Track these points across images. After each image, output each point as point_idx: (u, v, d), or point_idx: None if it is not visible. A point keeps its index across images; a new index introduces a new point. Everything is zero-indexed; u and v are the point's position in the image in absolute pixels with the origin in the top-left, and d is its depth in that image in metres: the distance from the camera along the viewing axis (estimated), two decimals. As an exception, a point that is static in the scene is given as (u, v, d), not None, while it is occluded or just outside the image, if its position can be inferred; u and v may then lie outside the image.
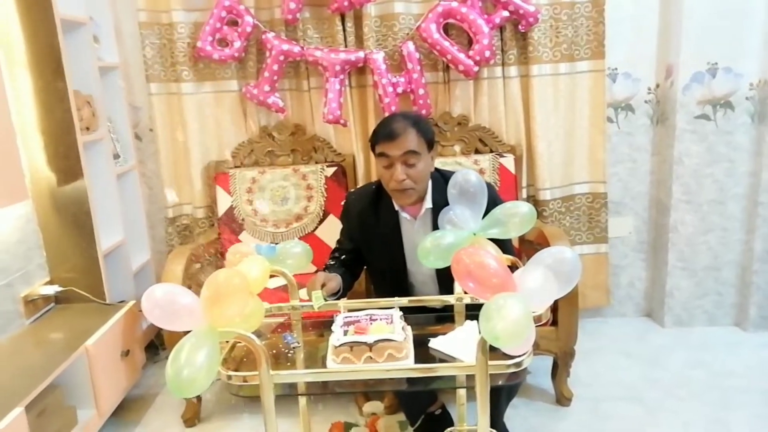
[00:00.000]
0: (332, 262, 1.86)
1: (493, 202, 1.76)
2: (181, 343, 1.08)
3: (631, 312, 2.81)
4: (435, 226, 1.72)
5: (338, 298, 1.66)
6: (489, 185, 1.88)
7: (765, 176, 2.44)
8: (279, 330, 1.60)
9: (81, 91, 2.22)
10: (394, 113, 2.11)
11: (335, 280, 1.67)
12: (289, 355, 1.41)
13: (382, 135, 1.70)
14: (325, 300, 1.55)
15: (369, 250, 1.86)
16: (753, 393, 2.15)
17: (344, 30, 2.39)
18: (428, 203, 1.77)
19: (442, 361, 1.32)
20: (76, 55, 2.18)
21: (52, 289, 2.13)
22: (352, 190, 2.17)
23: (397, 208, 1.81)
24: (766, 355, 2.40)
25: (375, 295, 2.03)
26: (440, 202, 1.62)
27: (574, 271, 1.06)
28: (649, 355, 2.46)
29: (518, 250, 2.27)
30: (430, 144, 1.74)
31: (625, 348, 2.52)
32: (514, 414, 2.03)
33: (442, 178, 1.78)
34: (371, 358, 1.26)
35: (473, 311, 1.50)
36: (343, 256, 1.87)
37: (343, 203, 1.95)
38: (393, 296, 1.53)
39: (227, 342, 1.30)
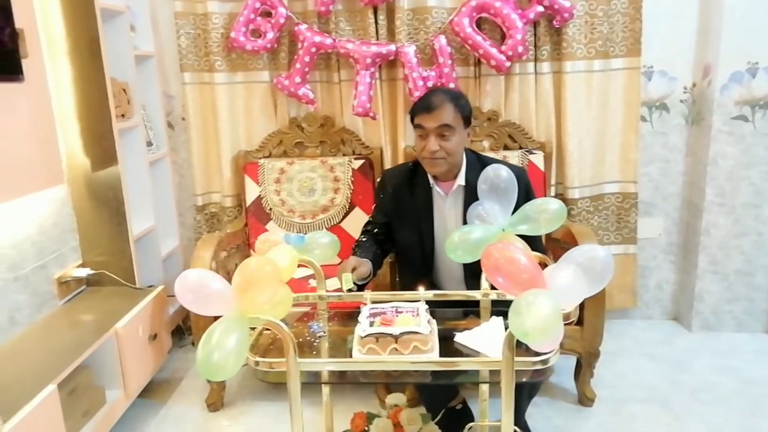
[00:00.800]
0: (364, 237, 1.91)
1: (526, 187, 1.78)
2: (212, 327, 1.10)
3: (658, 315, 2.76)
4: (466, 204, 1.78)
5: (367, 282, 1.71)
6: (521, 171, 1.88)
7: (804, 180, 2.37)
8: (305, 319, 1.62)
9: (117, 79, 2.26)
10: (435, 88, 2.16)
11: (366, 266, 1.71)
12: (315, 343, 1.42)
13: (420, 107, 1.77)
14: (355, 284, 1.57)
15: (400, 225, 1.91)
16: (783, 402, 2.10)
17: (376, 23, 2.40)
18: (461, 180, 1.84)
19: (467, 355, 1.32)
20: (114, 44, 2.22)
21: (85, 272, 2.18)
22: (388, 168, 2.23)
23: (431, 183, 1.86)
24: (796, 363, 2.35)
25: (400, 281, 2.08)
26: (473, 181, 1.67)
27: (606, 270, 1.04)
28: (674, 358, 2.42)
29: (545, 249, 2.25)
30: (467, 120, 1.80)
31: (651, 351, 2.48)
32: (535, 413, 2.02)
33: (478, 160, 1.86)
34: (397, 349, 1.26)
35: (499, 307, 1.50)
36: (376, 230, 1.92)
37: (378, 180, 2.02)
38: (419, 281, 1.57)
39: (254, 329, 1.32)
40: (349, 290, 1.56)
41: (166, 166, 2.62)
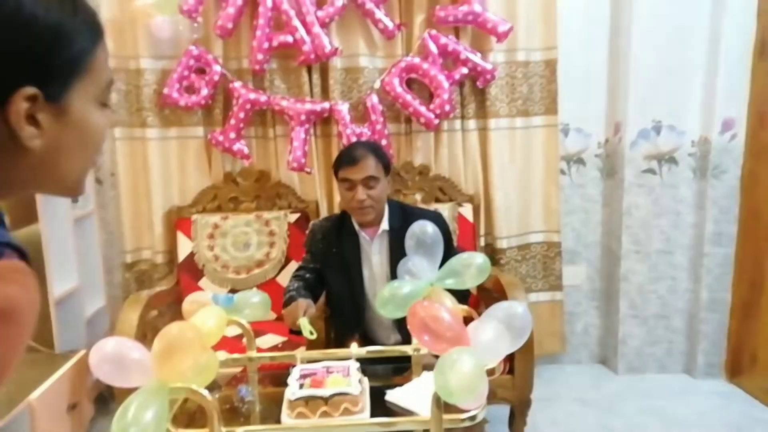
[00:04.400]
0: (296, 283, 1.93)
1: (444, 231, 1.86)
2: (128, 400, 1.07)
3: (585, 359, 2.87)
4: (391, 248, 1.92)
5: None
6: (437, 216, 1.98)
7: (708, 228, 2.57)
8: (235, 382, 1.59)
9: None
10: (355, 142, 2.24)
11: (312, 306, 1.76)
12: (243, 409, 1.39)
13: (345, 161, 1.90)
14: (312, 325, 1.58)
15: (330, 273, 1.98)
16: (702, 440, 2.21)
17: (311, 81, 2.46)
18: (385, 225, 1.96)
19: (398, 414, 1.33)
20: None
21: (-1, 337, 2.05)
22: (316, 219, 2.31)
23: (357, 229, 1.95)
24: (714, 402, 2.48)
25: (333, 330, 2.12)
26: (395, 225, 1.92)
27: (525, 326, 1.10)
28: (603, 402, 2.51)
29: (476, 297, 2.31)
30: (387, 168, 1.94)
31: (581, 395, 2.56)
32: (472, 464, 2.03)
33: (398, 206, 2.03)
34: (327, 412, 1.26)
35: (431, 362, 1.53)
36: (307, 275, 1.97)
37: (308, 231, 2.10)
38: (351, 330, 1.57)
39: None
40: (311, 333, 1.56)
41: (93, 223, 2.54)
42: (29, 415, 1.78)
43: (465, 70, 2.44)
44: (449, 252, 1.59)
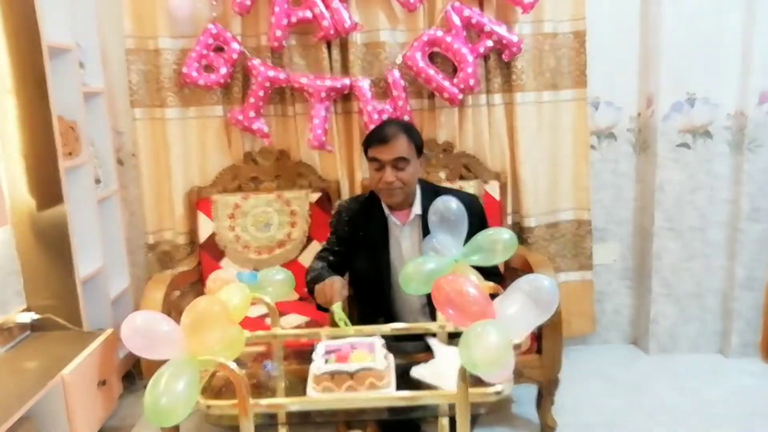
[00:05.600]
0: (320, 263, 1.87)
1: (480, 215, 1.83)
2: (160, 370, 1.06)
3: (616, 339, 2.80)
4: (424, 234, 1.79)
5: None
6: (474, 198, 1.91)
7: (743, 204, 2.47)
8: (260, 358, 1.57)
9: (65, 117, 2.21)
10: (387, 120, 2.17)
11: (345, 285, 1.69)
12: (270, 384, 1.38)
13: (375, 139, 1.80)
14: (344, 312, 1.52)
15: (356, 256, 1.90)
16: (735, 420, 2.14)
17: (330, 57, 2.42)
18: (417, 209, 1.86)
19: (424, 389, 1.30)
20: (62, 82, 2.18)
21: (29, 317, 2.07)
22: (343, 199, 2.24)
23: (387, 212, 1.87)
24: (747, 382, 2.40)
25: (358, 313, 2.04)
26: (428, 209, 1.67)
27: (552, 299, 1.05)
28: (634, 382, 2.45)
29: (503, 277, 2.26)
30: (419, 149, 1.84)
31: (611, 375, 2.51)
32: (499, 444, 2.01)
33: (431, 189, 1.91)
34: (352, 386, 1.24)
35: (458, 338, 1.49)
36: (331, 257, 1.90)
37: (334, 211, 2.01)
38: (376, 313, 1.51)
39: (206, 370, 1.28)
40: (345, 323, 1.49)
41: (115, 203, 2.55)
42: (63, 388, 1.82)
43: (490, 43, 2.37)
44: None
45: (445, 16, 2.33)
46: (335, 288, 1.62)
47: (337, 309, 1.53)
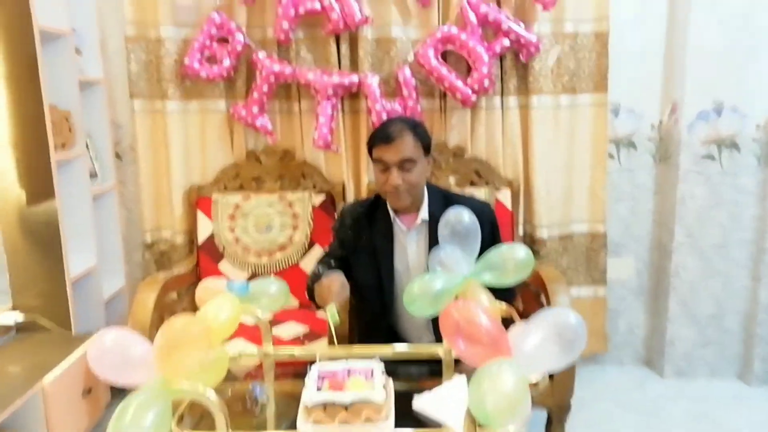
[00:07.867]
0: (320, 269, 1.75)
1: (491, 225, 1.73)
2: (127, 400, 0.95)
3: (629, 360, 2.67)
4: (431, 241, 1.68)
5: None
6: (486, 206, 1.80)
7: (771, 221, 2.34)
8: (253, 374, 1.47)
9: (59, 106, 2.10)
10: (392, 117, 2.05)
11: (346, 286, 1.59)
12: (256, 412, 1.27)
13: (379, 138, 1.68)
14: (338, 314, 1.42)
15: (358, 262, 1.78)
16: (759, 453, 2.02)
17: (339, 52, 2.30)
18: (424, 215, 1.74)
19: (425, 425, 1.19)
20: (55, 68, 2.08)
21: (13, 317, 1.98)
22: (349, 203, 2.13)
23: (392, 216, 1.76)
24: (770, 411, 2.28)
25: (358, 328, 1.93)
26: (437, 214, 1.57)
27: (578, 339, 0.92)
28: (647, 406, 2.33)
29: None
30: (427, 149, 1.72)
31: (623, 398, 2.38)
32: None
33: (440, 193, 1.80)
34: (346, 419, 1.13)
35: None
36: (333, 263, 1.78)
37: (337, 214, 1.90)
38: (377, 326, 1.38)
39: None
40: (337, 321, 1.41)
41: (112, 199, 2.45)
42: (42, 399, 1.71)
43: (507, 42, 2.24)
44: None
45: (460, 12, 2.21)
46: (332, 290, 1.54)
47: (331, 308, 1.41)
